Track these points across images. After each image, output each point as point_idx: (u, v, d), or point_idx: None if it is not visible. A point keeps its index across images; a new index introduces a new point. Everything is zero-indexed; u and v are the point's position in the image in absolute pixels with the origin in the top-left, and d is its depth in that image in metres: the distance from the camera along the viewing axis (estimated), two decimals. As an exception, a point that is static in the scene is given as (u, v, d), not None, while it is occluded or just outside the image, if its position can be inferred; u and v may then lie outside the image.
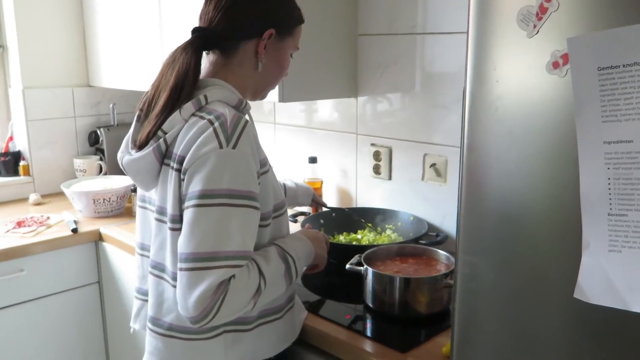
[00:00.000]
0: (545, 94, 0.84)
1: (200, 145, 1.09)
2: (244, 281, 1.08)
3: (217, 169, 1.07)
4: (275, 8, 1.24)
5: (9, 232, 2.14)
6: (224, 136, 1.09)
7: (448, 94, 1.83)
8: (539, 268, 0.89)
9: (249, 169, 1.11)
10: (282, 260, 1.19)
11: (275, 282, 1.17)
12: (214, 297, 1.03)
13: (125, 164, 1.22)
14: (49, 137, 2.67)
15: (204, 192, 1.06)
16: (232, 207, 1.07)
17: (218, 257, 1.05)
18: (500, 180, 0.92)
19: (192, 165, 1.09)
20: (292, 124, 2.37)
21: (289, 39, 1.29)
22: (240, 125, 1.12)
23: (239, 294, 1.07)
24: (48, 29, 2.62)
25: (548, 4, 0.81)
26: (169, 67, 1.21)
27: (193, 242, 1.06)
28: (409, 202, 2.00)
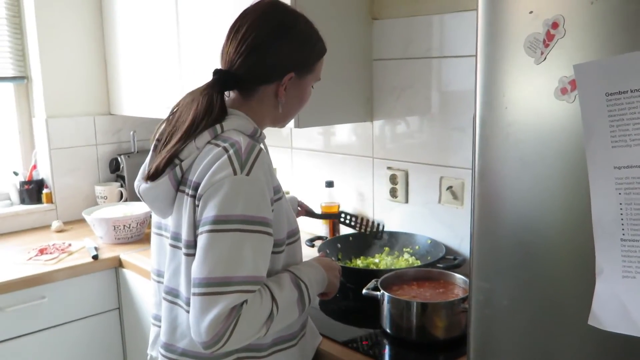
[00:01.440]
0: (554, 120, 0.84)
1: (215, 172, 1.10)
2: (257, 307, 1.09)
3: (231, 195, 1.08)
4: (294, 52, 1.25)
5: (32, 260, 2.18)
6: (239, 163, 1.10)
7: (464, 116, 1.84)
8: (554, 294, 0.89)
9: (262, 195, 1.12)
10: (295, 286, 1.19)
11: (288, 309, 1.17)
12: (226, 322, 1.04)
13: (142, 191, 1.24)
14: (71, 164, 2.73)
15: (218, 218, 1.08)
16: (245, 233, 1.08)
17: (231, 282, 1.06)
18: (512, 206, 0.92)
19: (207, 192, 1.10)
20: (309, 148, 2.38)
21: (310, 75, 1.30)
22: (254, 152, 1.13)
23: (252, 320, 1.08)
24: (71, 60, 2.69)
25: (555, 31, 0.81)
26: (186, 106, 1.24)
27: (206, 267, 1.07)
28: (426, 225, 2.00)
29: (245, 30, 1.22)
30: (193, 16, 2.19)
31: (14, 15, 2.62)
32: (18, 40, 2.64)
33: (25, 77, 2.69)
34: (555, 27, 0.81)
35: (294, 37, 1.25)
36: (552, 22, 0.81)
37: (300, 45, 1.26)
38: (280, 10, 1.27)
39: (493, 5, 0.89)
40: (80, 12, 2.69)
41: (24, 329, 2.07)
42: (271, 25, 1.23)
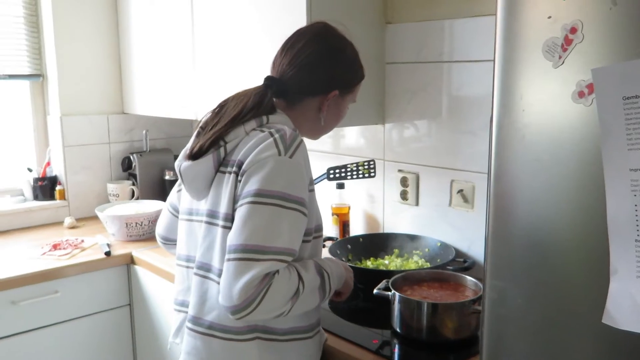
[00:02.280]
0: (571, 123, 0.86)
1: (261, 151, 1.19)
2: (286, 279, 1.15)
3: (274, 172, 1.17)
4: (341, 72, 1.38)
5: (45, 255, 2.21)
6: (283, 146, 1.19)
7: (475, 120, 1.86)
8: (569, 294, 0.90)
9: (302, 177, 1.21)
10: (318, 273, 1.25)
11: (311, 292, 1.23)
12: (259, 287, 1.09)
13: (183, 170, 1.29)
14: (84, 162, 2.76)
15: (259, 191, 1.15)
16: (283, 209, 1.15)
17: (266, 250, 1.12)
18: (528, 206, 0.94)
19: (251, 168, 1.18)
20: (320, 150, 2.40)
21: (349, 95, 1.42)
22: (297, 140, 1.23)
23: (281, 291, 1.13)
24: (86, 60, 2.73)
25: (573, 36, 0.83)
26: (236, 100, 1.32)
27: (244, 234, 1.13)
28: (436, 228, 2.01)
29: (301, 47, 1.33)
30: (208, 16, 2.22)
31: (31, 14, 2.66)
32: (35, 39, 2.68)
33: (41, 75, 2.72)
34: (573, 31, 0.83)
35: (342, 59, 1.38)
36: (570, 27, 0.83)
37: (347, 67, 1.39)
38: (333, 34, 1.39)
39: (512, 10, 0.91)
40: (96, 11, 2.73)
41: (37, 322, 2.10)
42: (325, 47, 1.35)
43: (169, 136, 2.99)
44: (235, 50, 2.11)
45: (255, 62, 2.02)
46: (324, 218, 2.02)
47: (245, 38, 2.07)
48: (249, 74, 2.04)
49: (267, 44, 1.40)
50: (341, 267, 1.39)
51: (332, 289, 1.31)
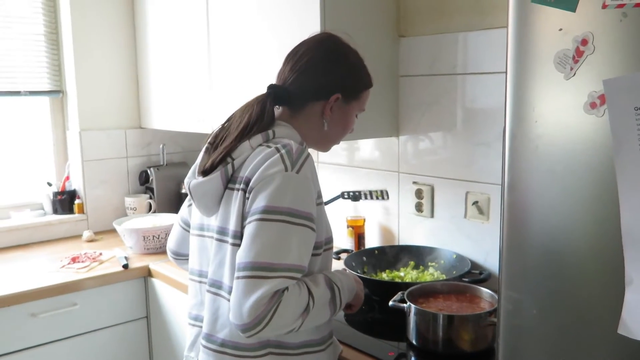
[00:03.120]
0: (583, 133, 0.87)
1: (268, 167, 1.19)
2: (296, 296, 1.14)
3: (282, 189, 1.16)
4: (344, 76, 1.36)
5: (64, 268, 2.24)
6: (290, 161, 1.19)
7: (489, 132, 1.86)
8: (584, 304, 0.90)
9: (309, 193, 1.20)
10: (328, 287, 1.25)
11: (321, 306, 1.22)
12: (268, 305, 1.10)
13: (192, 187, 1.31)
14: (102, 176, 2.81)
15: (267, 208, 1.15)
16: (292, 225, 1.15)
17: (276, 267, 1.12)
18: (541, 216, 0.94)
19: (258, 185, 1.18)
20: (334, 163, 2.42)
21: (355, 102, 1.40)
22: (304, 154, 1.23)
23: (291, 307, 1.13)
24: (104, 76, 2.78)
25: (584, 47, 0.84)
26: (241, 112, 1.34)
27: (253, 251, 1.13)
28: (452, 240, 2.01)
29: (302, 53, 1.35)
30: (223, 32, 2.25)
31: (52, 31, 2.72)
32: (55, 56, 2.74)
33: (61, 91, 2.78)
34: (584, 43, 0.84)
35: (345, 63, 1.37)
36: (581, 39, 0.84)
37: (350, 71, 1.37)
38: (334, 41, 1.39)
39: (523, 23, 0.92)
40: (114, 29, 2.79)
41: (56, 334, 2.12)
42: (326, 51, 1.36)
43: (186, 150, 3.03)
44: (250, 65, 2.14)
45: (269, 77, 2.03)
46: (339, 230, 2.05)
47: (259, 53, 2.10)
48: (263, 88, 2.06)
49: (281, 59, 1.41)
50: (351, 280, 1.39)
51: (343, 302, 1.31)
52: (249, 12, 2.12)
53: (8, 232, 2.57)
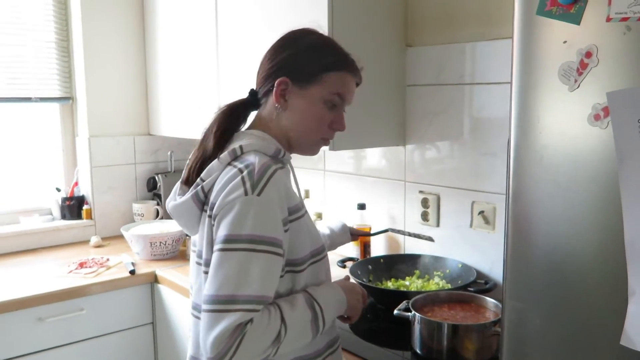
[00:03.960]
0: (588, 145, 0.87)
1: (228, 192, 1.13)
2: (263, 326, 1.09)
3: (241, 215, 1.11)
4: (292, 57, 1.26)
5: (72, 273, 2.26)
6: (251, 184, 1.13)
7: (496, 142, 1.86)
8: (587, 314, 0.90)
9: (273, 215, 1.14)
10: (309, 307, 1.18)
11: (299, 330, 1.16)
12: (230, 339, 1.05)
13: (170, 209, 1.29)
14: (110, 182, 2.83)
15: (228, 237, 1.11)
16: (253, 252, 1.10)
17: (236, 300, 1.07)
18: (546, 227, 0.95)
19: (221, 212, 1.13)
20: (341, 171, 2.43)
21: (315, 86, 1.24)
22: (267, 173, 1.15)
23: (257, 339, 1.08)
24: (114, 83, 2.81)
25: (588, 60, 0.85)
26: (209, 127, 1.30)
27: (215, 284, 1.09)
28: (457, 249, 2.01)
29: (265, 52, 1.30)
30: (232, 42, 2.27)
31: (63, 39, 2.75)
32: (65, 63, 2.77)
33: (71, 98, 2.81)
34: (589, 56, 0.85)
35: (296, 46, 1.27)
36: (585, 52, 0.85)
37: (300, 52, 1.26)
38: (296, 29, 1.30)
39: (528, 35, 0.93)
40: (124, 37, 2.82)
41: (63, 339, 2.14)
42: (279, 39, 1.30)
43: (193, 157, 3.04)
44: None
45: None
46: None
47: (268, 61, 2.11)
48: (271, 97, 2.08)
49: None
50: (341, 293, 1.29)
51: (328, 320, 1.23)
52: (257, 22, 2.14)
53: (17, 237, 2.59)
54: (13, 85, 2.63)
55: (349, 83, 1.29)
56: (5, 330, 2.01)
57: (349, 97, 1.29)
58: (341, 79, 1.27)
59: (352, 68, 1.29)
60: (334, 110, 1.28)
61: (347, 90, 1.28)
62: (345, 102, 1.30)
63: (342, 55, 1.29)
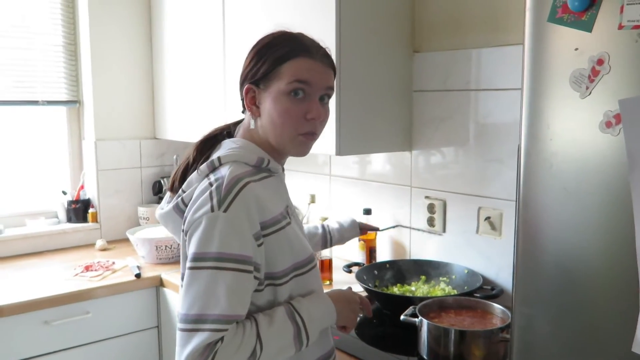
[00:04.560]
0: (598, 152, 0.87)
1: (197, 209, 1.12)
2: (236, 344, 1.08)
3: (207, 232, 1.09)
4: (249, 63, 1.25)
5: (78, 276, 2.26)
6: (217, 199, 1.11)
7: (502, 148, 1.87)
8: (597, 320, 0.90)
9: (240, 232, 1.11)
10: (290, 321, 1.16)
11: (278, 345, 1.14)
12: (201, 358, 1.05)
13: (158, 216, 1.28)
14: (116, 186, 2.84)
15: (195, 255, 1.10)
16: (220, 271, 1.08)
17: (205, 319, 1.07)
18: (556, 233, 0.95)
19: (190, 228, 1.12)
20: (347, 176, 2.43)
21: (275, 83, 1.20)
22: (236, 188, 1.12)
23: (229, 357, 1.07)
24: (120, 87, 2.82)
25: (600, 67, 0.85)
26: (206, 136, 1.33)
27: (185, 303, 1.09)
28: (463, 255, 2.01)
29: None
30: (239, 45, 2.28)
31: (70, 43, 2.77)
32: (72, 67, 2.79)
33: (78, 102, 2.82)
34: (600, 63, 0.85)
35: (253, 51, 1.26)
36: (597, 59, 0.85)
37: (255, 56, 1.24)
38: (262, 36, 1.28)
39: (539, 42, 0.94)
40: (131, 41, 2.83)
41: (69, 342, 2.14)
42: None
43: (199, 161, 3.05)
44: (266, 78, 2.16)
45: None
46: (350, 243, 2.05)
47: (275, 66, 2.12)
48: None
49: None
50: (329, 303, 1.24)
51: (312, 334, 1.19)
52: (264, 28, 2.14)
53: (23, 240, 2.60)
54: (21, 89, 2.65)
55: (309, 67, 1.20)
56: (12, 333, 2.02)
57: (314, 80, 1.20)
58: (298, 65, 1.19)
59: (308, 51, 1.21)
60: (304, 100, 1.20)
61: (310, 74, 1.19)
62: (314, 88, 1.20)
63: (295, 43, 1.22)
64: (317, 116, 1.21)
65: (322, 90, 1.22)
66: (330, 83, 1.24)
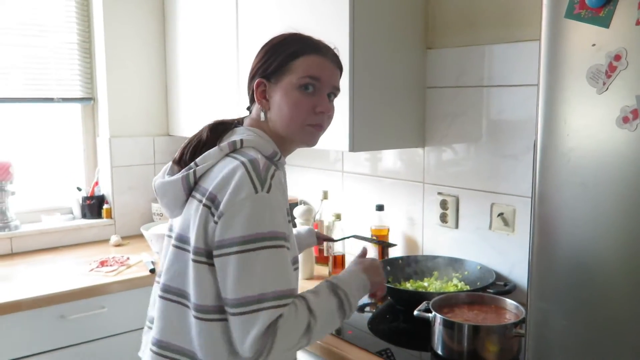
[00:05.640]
0: (616, 147, 0.88)
1: (237, 191, 1.13)
2: (292, 320, 1.13)
3: (255, 214, 1.12)
4: (261, 59, 1.31)
5: (93, 271, 2.29)
6: (259, 180, 1.14)
7: (515, 144, 1.86)
8: (613, 316, 0.91)
9: (282, 211, 1.18)
10: (333, 295, 1.23)
11: (327, 317, 1.21)
12: (265, 338, 1.10)
13: (157, 185, 1.30)
14: (130, 182, 2.86)
15: (245, 238, 1.12)
16: (273, 249, 1.13)
17: (265, 299, 1.11)
18: (572, 229, 0.95)
19: (229, 211, 1.13)
20: (358, 172, 2.44)
21: (286, 77, 1.26)
22: (271, 170, 1.18)
23: (290, 332, 1.13)
24: (134, 84, 2.85)
25: (617, 63, 0.85)
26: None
27: (242, 286, 1.11)
28: (476, 251, 2.01)
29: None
30: (253, 44, 2.29)
31: (85, 40, 2.79)
32: (87, 64, 2.81)
33: (92, 99, 2.85)
34: (617, 59, 0.85)
35: (264, 48, 1.32)
36: (614, 54, 0.86)
37: (268, 52, 1.30)
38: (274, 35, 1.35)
39: (556, 37, 0.94)
40: (145, 39, 2.86)
41: (84, 336, 2.16)
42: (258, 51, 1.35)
43: (211, 158, 3.07)
44: (279, 75, 2.17)
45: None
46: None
47: (288, 63, 2.13)
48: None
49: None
50: (362, 274, 1.32)
51: (354, 304, 1.27)
52: (277, 26, 2.16)
53: (39, 235, 2.63)
54: (36, 86, 2.68)
55: (320, 64, 1.28)
56: (29, 327, 2.05)
57: (324, 77, 1.28)
58: (309, 62, 1.27)
59: (319, 50, 1.29)
60: (314, 95, 1.27)
61: (320, 71, 1.27)
62: (323, 84, 1.28)
63: (307, 41, 1.30)
64: (326, 110, 1.29)
65: (329, 87, 1.30)
66: (337, 82, 1.33)
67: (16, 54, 2.61)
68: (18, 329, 2.03)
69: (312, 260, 2.22)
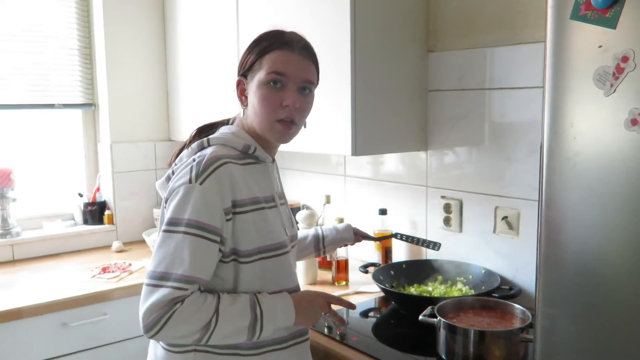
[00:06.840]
0: (623, 150, 0.86)
1: (177, 179, 1.24)
2: (193, 309, 1.16)
3: (182, 200, 1.21)
4: (241, 59, 1.37)
5: (95, 277, 2.28)
6: (196, 172, 1.22)
7: (519, 147, 1.85)
8: (621, 321, 0.89)
9: (211, 204, 1.21)
10: (250, 309, 1.22)
11: (231, 327, 1.20)
12: (161, 311, 1.14)
13: (156, 185, 1.40)
14: (132, 188, 2.86)
15: (170, 220, 1.21)
16: (188, 236, 1.19)
17: (168, 277, 1.17)
18: (579, 233, 0.94)
19: (170, 196, 1.24)
20: (361, 176, 2.43)
21: (257, 74, 1.30)
22: (213, 165, 1.23)
23: (185, 320, 1.15)
24: (135, 90, 2.84)
25: (625, 64, 0.84)
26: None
27: (155, 261, 1.20)
28: (481, 255, 2.00)
29: None
30: (254, 48, 2.29)
31: (85, 46, 2.79)
32: (88, 70, 2.81)
33: (93, 105, 2.84)
34: (625, 60, 0.84)
35: (245, 48, 1.37)
36: (622, 56, 0.84)
37: (246, 51, 1.36)
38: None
39: (562, 39, 0.93)
40: (145, 45, 2.85)
41: (87, 343, 2.15)
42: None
43: (213, 163, 3.06)
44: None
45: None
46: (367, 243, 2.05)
47: (290, 67, 2.12)
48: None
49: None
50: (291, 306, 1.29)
51: (267, 329, 1.24)
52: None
53: (40, 242, 2.62)
54: (37, 92, 2.67)
55: (286, 59, 1.30)
56: (30, 334, 2.03)
57: (290, 72, 1.29)
58: (275, 57, 1.30)
59: (287, 45, 1.31)
60: (281, 90, 1.29)
61: (286, 66, 1.29)
62: (290, 79, 1.29)
63: (276, 37, 1.33)
64: (292, 103, 1.29)
65: (299, 82, 1.31)
66: (310, 76, 1.33)
67: (17, 61, 2.60)
68: (20, 337, 2.01)
69: (315, 265, 2.21)
